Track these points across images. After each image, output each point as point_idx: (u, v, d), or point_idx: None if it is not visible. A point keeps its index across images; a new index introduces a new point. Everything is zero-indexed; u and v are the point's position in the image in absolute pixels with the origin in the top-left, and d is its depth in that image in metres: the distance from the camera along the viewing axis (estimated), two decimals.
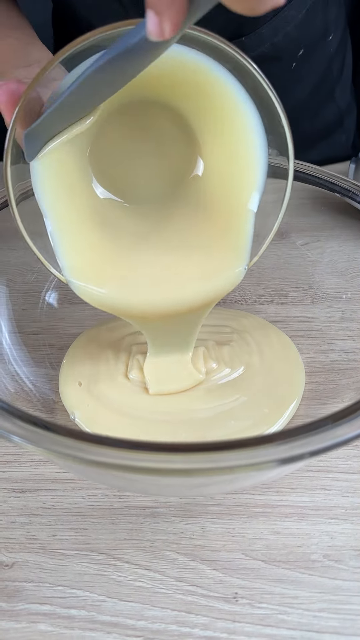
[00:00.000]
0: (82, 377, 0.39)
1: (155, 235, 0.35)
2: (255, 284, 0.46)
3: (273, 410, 0.36)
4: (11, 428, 0.24)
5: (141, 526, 0.32)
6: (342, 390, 0.36)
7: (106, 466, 0.23)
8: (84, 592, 0.29)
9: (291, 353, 0.40)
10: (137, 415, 0.36)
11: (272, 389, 0.37)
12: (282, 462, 0.22)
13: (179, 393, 0.38)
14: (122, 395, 0.38)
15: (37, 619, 0.28)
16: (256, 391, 0.37)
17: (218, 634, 0.27)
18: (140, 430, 0.35)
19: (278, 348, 0.41)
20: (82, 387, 0.38)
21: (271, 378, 0.38)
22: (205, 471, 0.22)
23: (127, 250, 0.34)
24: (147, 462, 0.22)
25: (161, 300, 0.34)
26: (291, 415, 0.36)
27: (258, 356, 0.40)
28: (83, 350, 0.41)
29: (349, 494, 0.32)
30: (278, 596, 0.28)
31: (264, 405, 0.36)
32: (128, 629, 0.27)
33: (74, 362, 0.40)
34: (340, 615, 0.28)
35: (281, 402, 0.36)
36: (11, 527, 0.32)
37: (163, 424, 0.36)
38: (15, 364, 0.39)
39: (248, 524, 0.31)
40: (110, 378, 0.39)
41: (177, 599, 0.28)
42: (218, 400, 0.37)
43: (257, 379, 0.38)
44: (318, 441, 0.23)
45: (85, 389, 0.38)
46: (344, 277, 0.44)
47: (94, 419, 0.36)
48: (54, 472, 0.34)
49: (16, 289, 0.43)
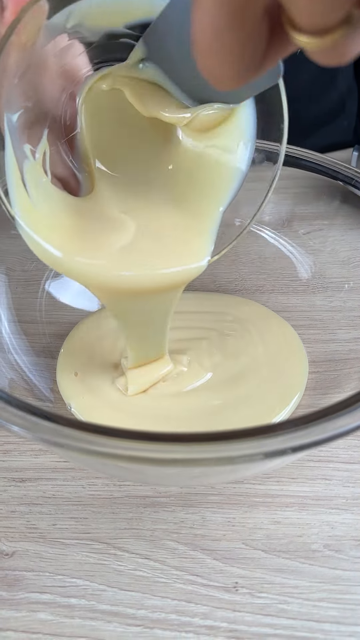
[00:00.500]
0: (78, 367, 0.39)
1: (131, 215, 0.34)
2: (257, 273, 0.46)
3: (277, 402, 0.36)
4: (10, 417, 0.24)
5: (141, 515, 0.31)
6: (343, 380, 0.36)
7: (104, 456, 0.22)
8: (84, 581, 0.29)
9: (295, 343, 0.40)
10: (133, 410, 0.36)
11: (276, 381, 0.37)
12: (286, 452, 0.22)
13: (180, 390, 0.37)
14: (116, 390, 0.37)
15: (37, 608, 0.28)
16: (260, 384, 0.37)
17: (218, 623, 0.27)
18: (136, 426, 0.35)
19: (282, 338, 0.40)
20: (77, 378, 0.38)
21: (275, 370, 0.38)
22: (206, 461, 0.22)
23: (96, 222, 0.33)
24: (147, 452, 0.22)
25: (121, 277, 0.32)
26: (295, 406, 0.36)
27: (262, 347, 0.40)
28: (80, 339, 0.41)
29: (350, 484, 0.32)
30: (278, 586, 0.28)
31: (268, 398, 0.36)
32: (128, 618, 0.27)
33: (70, 351, 0.40)
34: (340, 605, 0.28)
35: (285, 393, 0.36)
36: (11, 516, 0.32)
37: (161, 420, 0.35)
38: (15, 353, 0.39)
39: (248, 513, 0.31)
40: (105, 370, 0.38)
41: (177, 588, 0.28)
42: (220, 395, 0.37)
43: (262, 370, 0.38)
44: (320, 431, 0.23)
45: (80, 380, 0.38)
46: (346, 267, 0.43)
47: (89, 412, 0.36)
48: (54, 461, 0.34)
49: (15, 277, 0.43)
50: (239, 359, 0.39)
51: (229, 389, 0.37)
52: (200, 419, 0.35)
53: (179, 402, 0.37)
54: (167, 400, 0.37)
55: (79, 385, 0.37)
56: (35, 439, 0.23)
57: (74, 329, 0.42)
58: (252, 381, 0.37)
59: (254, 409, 0.35)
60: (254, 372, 0.38)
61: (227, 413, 0.35)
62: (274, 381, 0.37)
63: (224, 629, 0.27)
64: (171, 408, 0.36)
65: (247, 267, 0.46)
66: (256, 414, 0.35)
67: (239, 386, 0.37)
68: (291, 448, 0.22)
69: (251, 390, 0.37)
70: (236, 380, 0.38)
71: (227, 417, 0.35)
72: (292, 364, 0.38)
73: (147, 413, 0.36)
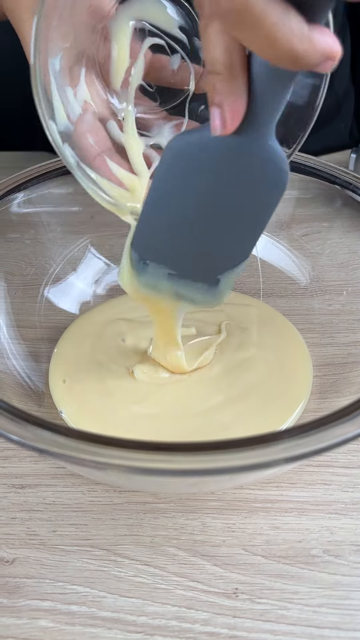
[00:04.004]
0: (66, 374, 0.38)
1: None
2: (256, 277, 0.46)
3: (283, 409, 0.36)
4: (8, 427, 0.24)
5: (141, 522, 0.32)
6: (342, 384, 0.36)
7: (102, 466, 0.22)
8: (85, 588, 0.29)
9: (300, 349, 0.40)
10: (119, 421, 0.35)
11: (281, 387, 0.37)
12: (285, 462, 0.22)
13: (175, 393, 0.37)
14: (103, 397, 0.37)
15: (38, 615, 0.28)
16: (266, 390, 0.37)
17: (218, 629, 0.27)
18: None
19: (287, 343, 0.40)
20: (65, 385, 0.38)
21: (281, 375, 0.38)
22: (203, 471, 0.22)
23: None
24: (146, 463, 0.22)
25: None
26: (300, 412, 0.36)
27: (267, 351, 0.40)
28: (69, 344, 0.41)
29: (349, 489, 0.32)
30: (278, 591, 0.28)
31: (273, 407, 0.36)
32: (129, 625, 0.27)
33: (59, 357, 0.40)
34: (339, 611, 0.28)
35: (291, 400, 0.36)
36: (11, 523, 0.32)
37: (148, 429, 0.35)
38: (14, 358, 0.39)
39: (248, 519, 0.31)
40: (90, 378, 0.38)
41: (178, 595, 0.28)
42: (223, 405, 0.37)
43: (266, 376, 0.38)
44: (319, 440, 0.23)
45: (69, 388, 0.37)
46: (344, 270, 0.43)
47: (78, 422, 0.35)
48: (54, 468, 0.34)
49: (14, 282, 0.43)
50: (244, 366, 0.39)
51: (232, 399, 0.37)
52: (186, 430, 0.35)
53: (174, 404, 0.37)
54: (160, 406, 0.37)
55: (67, 394, 0.37)
56: (31, 449, 0.23)
57: (64, 332, 0.42)
58: (259, 392, 0.37)
59: (260, 418, 0.35)
60: (257, 380, 0.38)
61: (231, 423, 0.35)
62: (279, 388, 0.37)
63: (225, 635, 0.27)
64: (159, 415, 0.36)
65: (246, 270, 0.46)
66: (264, 422, 0.35)
67: (244, 400, 0.37)
68: (292, 457, 0.22)
69: (256, 400, 0.37)
70: (241, 391, 0.37)
71: (214, 430, 0.35)
72: (297, 370, 0.38)
73: (135, 422, 0.36)
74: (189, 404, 0.36)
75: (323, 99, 0.31)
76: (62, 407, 0.36)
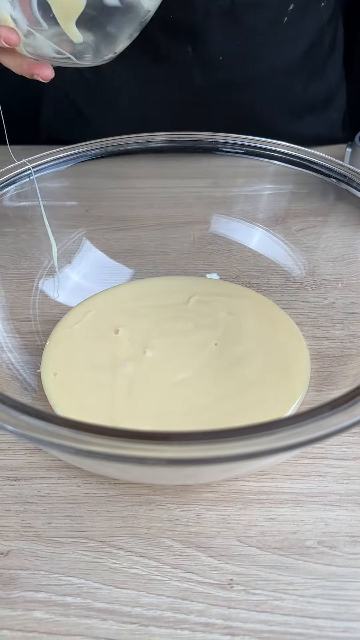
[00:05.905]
0: (57, 367, 0.38)
1: None
2: (251, 270, 0.46)
3: (283, 403, 0.36)
4: (3, 417, 0.24)
5: (136, 513, 0.32)
6: (337, 377, 0.36)
7: (96, 455, 0.22)
8: (80, 579, 0.29)
9: (298, 342, 0.40)
10: (111, 415, 0.35)
11: (280, 379, 0.37)
12: (280, 451, 0.22)
13: (171, 387, 0.37)
14: (94, 390, 0.37)
15: (32, 607, 0.28)
16: (264, 385, 0.37)
17: (213, 620, 0.27)
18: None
19: (285, 336, 0.40)
20: (57, 378, 0.38)
21: (279, 368, 0.38)
22: (197, 461, 0.22)
23: None
24: (137, 451, 0.22)
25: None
26: (298, 405, 0.36)
27: (265, 344, 0.40)
28: (61, 337, 0.41)
29: (344, 481, 0.33)
30: (273, 582, 0.29)
31: (273, 400, 0.36)
32: (124, 616, 0.27)
33: (51, 350, 0.40)
34: (334, 601, 0.28)
35: (290, 394, 0.36)
36: (6, 515, 0.32)
37: (141, 422, 0.35)
38: (9, 351, 0.39)
39: (243, 510, 0.31)
40: (81, 371, 0.38)
41: (173, 586, 0.28)
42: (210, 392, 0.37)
43: (264, 369, 0.38)
44: (313, 430, 0.23)
45: (60, 382, 0.37)
46: (339, 263, 0.44)
47: (69, 415, 0.35)
48: (49, 460, 0.34)
49: (9, 275, 0.43)
50: (239, 359, 0.39)
51: (230, 393, 0.37)
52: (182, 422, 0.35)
53: (162, 399, 0.37)
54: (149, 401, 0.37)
55: (58, 387, 0.37)
56: (25, 438, 0.23)
57: (57, 324, 0.42)
58: (257, 385, 0.37)
59: (259, 412, 0.35)
60: (259, 375, 0.38)
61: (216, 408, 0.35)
62: (278, 382, 0.37)
63: (219, 625, 0.27)
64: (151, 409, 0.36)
65: (241, 264, 0.46)
66: (263, 417, 0.35)
67: (242, 394, 0.37)
68: (285, 447, 0.22)
69: (255, 394, 0.37)
70: (239, 384, 0.37)
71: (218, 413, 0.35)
72: (294, 363, 0.38)
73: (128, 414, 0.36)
74: (186, 398, 0.36)
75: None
76: (53, 400, 0.36)
